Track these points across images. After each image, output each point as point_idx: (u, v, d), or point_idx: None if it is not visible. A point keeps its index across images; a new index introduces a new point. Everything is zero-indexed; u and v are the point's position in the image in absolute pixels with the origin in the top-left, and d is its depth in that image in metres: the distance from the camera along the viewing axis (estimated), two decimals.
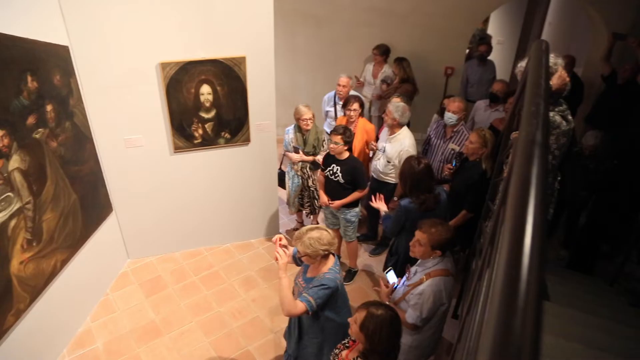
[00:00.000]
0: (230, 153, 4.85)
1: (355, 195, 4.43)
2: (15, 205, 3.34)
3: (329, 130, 5.46)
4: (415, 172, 3.59)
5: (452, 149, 4.72)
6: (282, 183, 5.43)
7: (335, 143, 4.22)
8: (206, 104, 4.47)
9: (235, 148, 4.84)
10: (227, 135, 4.71)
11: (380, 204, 3.97)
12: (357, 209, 4.60)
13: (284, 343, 3.61)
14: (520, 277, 0.85)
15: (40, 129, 3.56)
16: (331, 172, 4.42)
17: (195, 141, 4.63)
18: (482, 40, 7.95)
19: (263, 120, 4.79)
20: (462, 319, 2.60)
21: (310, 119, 4.83)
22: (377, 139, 5.19)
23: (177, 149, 4.61)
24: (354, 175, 4.35)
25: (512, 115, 2.94)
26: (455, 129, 4.73)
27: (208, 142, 4.68)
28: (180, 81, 4.28)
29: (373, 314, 2.39)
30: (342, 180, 4.36)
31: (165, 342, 4.21)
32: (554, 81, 3.11)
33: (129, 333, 4.30)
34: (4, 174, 3.21)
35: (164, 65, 4.18)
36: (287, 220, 5.94)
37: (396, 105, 4.57)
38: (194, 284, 4.89)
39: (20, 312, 3.48)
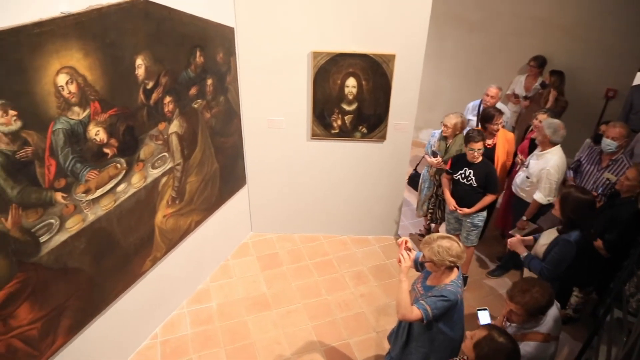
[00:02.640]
0: (364, 148, 4.88)
1: (486, 200, 4.30)
2: (168, 165, 3.73)
3: None
4: (583, 203, 3.26)
5: (608, 179, 4.22)
6: (415, 185, 5.35)
7: (478, 150, 4.13)
8: (349, 96, 4.53)
9: (370, 144, 4.85)
10: (364, 130, 4.73)
11: (518, 246, 3.58)
12: (484, 213, 4.44)
13: (385, 344, 3.56)
14: None
15: (199, 100, 3.92)
16: (463, 175, 4.32)
17: (333, 131, 4.73)
18: None
19: (402, 121, 4.72)
20: None
21: (447, 126, 4.67)
22: (515, 153, 4.92)
23: (315, 135, 4.76)
24: (488, 178, 4.24)
25: None
26: (613, 157, 4.22)
27: (345, 133, 4.75)
28: (328, 71, 4.39)
29: (494, 338, 2.25)
30: (475, 184, 4.27)
31: (272, 316, 4.42)
32: None
33: (241, 300, 4.58)
34: (164, 136, 3.60)
35: (315, 55, 4.31)
36: (408, 224, 5.82)
37: (549, 122, 4.20)
38: (307, 268, 5.04)
39: (156, 260, 3.91)
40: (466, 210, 4.36)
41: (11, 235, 2.61)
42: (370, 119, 4.69)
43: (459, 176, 4.35)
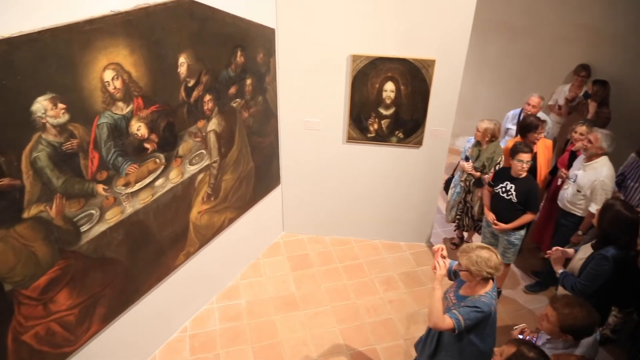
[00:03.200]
0: (399, 153, 4.83)
1: (526, 218, 4.15)
2: (205, 162, 3.80)
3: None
4: (624, 219, 3.14)
5: None
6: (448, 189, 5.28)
7: (527, 162, 4.00)
8: (387, 100, 4.50)
9: (406, 149, 4.80)
10: (400, 135, 4.69)
11: (558, 262, 3.47)
12: (522, 232, 4.28)
13: (412, 352, 3.52)
14: None
15: (237, 99, 3.98)
16: (504, 189, 4.19)
17: (369, 135, 4.71)
18: None
19: (439, 127, 4.66)
20: None
21: (478, 130, 4.61)
22: (555, 166, 4.78)
23: (350, 139, 4.75)
24: (529, 195, 4.08)
25: None
26: None
27: (381, 138, 4.72)
28: (367, 75, 4.38)
29: (523, 354, 2.19)
30: (514, 200, 4.12)
31: (300, 317, 4.43)
32: None
33: (270, 299, 4.62)
34: (202, 133, 3.67)
35: (354, 58, 4.31)
36: (440, 231, 5.74)
37: (605, 134, 4.04)
38: (336, 270, 5.03)
39: (189, 254, 3.99)
40: (502, 225, 4.21)
41: (55, 223, 2.72)
42: (407, 124, 4.64)
43: (500, 189, 4.21)
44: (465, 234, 5.38)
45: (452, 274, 3.04)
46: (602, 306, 3.58)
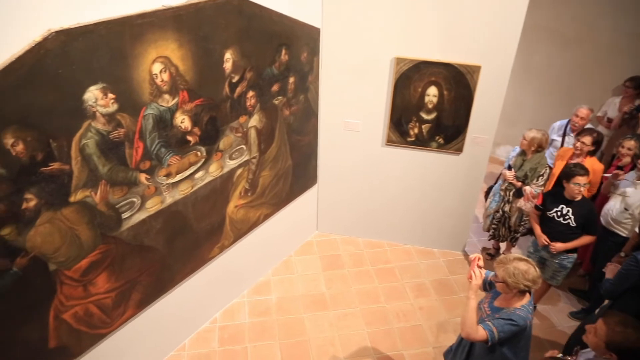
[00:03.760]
0: (438, 159, 4.76)
1: (585, 240, 3.93)
2: (244, 157, 3.86)
3: (549, 159, 4.90)
4: None
5: None
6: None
7: (584, 185, 3.80)
8: (429, 105, 4.44)
9: (445, 155, 4.72)
10: (441, 141, 4.61)
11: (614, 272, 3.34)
12: (575, 255, 4.08)
13: None
14: None
15: (279, 97, 4.01)
16: (559, 213, 3.96)
17: (409, 139, 4.66)
18: None
19: (481, 134, 4.55)
20: None
21: (524, 138, 4.46)
22: (601, 183, 4.52)
23: (389, 142, 4.71)
24: (589, 218, 3.87)
25: None
26: None
27: (420, 142, 4.66)
28: (410, 78, 4.33)
29: None
30: (573, 224, 3.89)
31: (329, 317, 4.43)
32: None
33: (300, 297, 4.64)
34: (244, 129, 3.73)
35: (398, 60, 4.26)
36: (476, 241, 5.62)
37: None
38: (368, 273, 5.01)
39: (224, 247, 4.05)
40: (559, 245, 3.96)
41: (98, 209, 2.82)
42: (448, 130, 4.56)
43: (554, 214, 4.00)
44: (503, 246, 5.24)
45: (488, 285, 2.98)
46: None
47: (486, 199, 5.17)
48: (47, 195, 2.51)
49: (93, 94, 2.54)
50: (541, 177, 4.45)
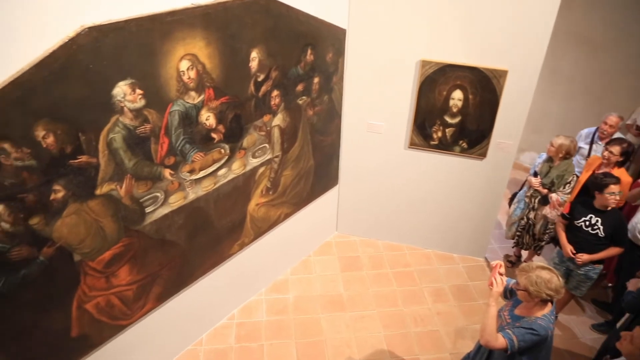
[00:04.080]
0: (461, 163, 4.70)
1: (612, 251, 3.85)
2: (267, 156, 3.88)
3: (576, 168, 4.80)
4: None
5: None
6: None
7: (619, 193, 3.72)
8: (454, 109, 4.39)
9: (468, 160, 4.66)
10: (464, 145, 4.56)
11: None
12: (601, 266, 4.00)
13: None
14: None
15: (304, 97, 4.02)
16: (587, 223, 3.89)
17: (432, 142, 4.62)
18: None
19: (506, 140, 4.49)
20: None
21: (552, 144, 4.37)
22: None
23: (412, 145, 4.68)
24: (619, 228, 3.80)
25: None
26: None
27: (444, 146, 4.61)
28: (435, 81, 4.29)
29: None
30: (602, 234, 3.81)
31: (345, 318, 4.42)
32: None
33: (317, 297, 4.64)
34: (267, 127, 3.75)
35: (424, 63, 4.23)
36: (497, 247, 5.53)
37: None
38: (386, 276, 4.98)
39: (243, 245, 4.08)
40: (585, 257, 3.88)
41: (123, 202, 2.87)
42: (472, 135, 4.51)
43: (582, 223, 3.92)
44: (525, 253, 5.15)
45: (508, 292, 2.94)
46: None
47: (510, 206, 5.09)
48: (75, 187, 2.57)
49: (122, 89, 2.59)
50: (568, 185, 4.36)
